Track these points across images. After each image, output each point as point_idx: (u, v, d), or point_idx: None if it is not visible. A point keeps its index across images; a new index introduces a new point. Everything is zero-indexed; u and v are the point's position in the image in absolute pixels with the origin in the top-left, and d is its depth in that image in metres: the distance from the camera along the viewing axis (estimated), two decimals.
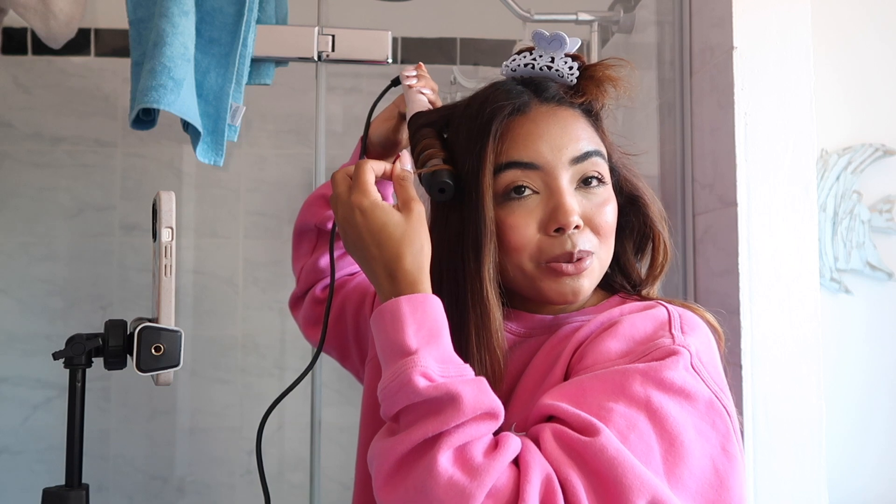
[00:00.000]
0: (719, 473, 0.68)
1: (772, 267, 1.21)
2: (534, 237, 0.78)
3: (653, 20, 1.49)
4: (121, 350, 0.75)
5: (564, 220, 0.76)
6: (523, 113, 0.80)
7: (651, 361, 0.70)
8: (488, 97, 0.81)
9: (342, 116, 1.79)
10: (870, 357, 1.37)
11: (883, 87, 1.39)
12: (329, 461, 1.37)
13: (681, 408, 0.68)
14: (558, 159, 0.78)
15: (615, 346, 0.73)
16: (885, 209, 1.39)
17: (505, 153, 0.78)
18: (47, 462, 1.67)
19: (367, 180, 0.76)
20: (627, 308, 0.80)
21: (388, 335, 0.69)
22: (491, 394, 0.66)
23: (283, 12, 1.31)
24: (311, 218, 1.12)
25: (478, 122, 0.80)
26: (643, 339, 0.73)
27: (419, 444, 0.64)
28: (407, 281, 0.72)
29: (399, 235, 0.73)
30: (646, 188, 0.87)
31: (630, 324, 0.75)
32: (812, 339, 1.21)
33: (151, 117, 1.16)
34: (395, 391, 0.66)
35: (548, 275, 0.78)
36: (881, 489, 1.36)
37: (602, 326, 0.77)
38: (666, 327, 0.74)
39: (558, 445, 0.65)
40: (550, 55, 0.84)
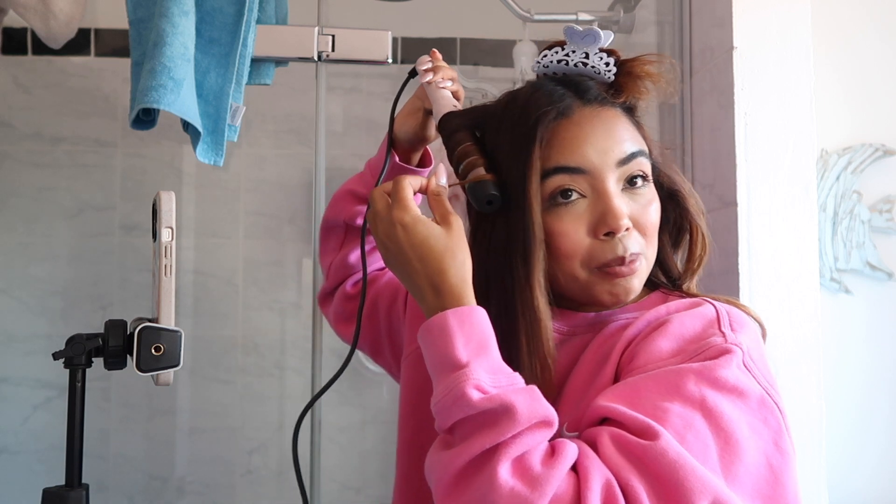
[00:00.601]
0: (773, 469, 0.68)
1: (772, 267, 1.21)
2: (584, 242, 0.77)
3: (653, 20, 1.49)
4: (121, 350, 0.75)
5: (615, 223, 0.76)
6: (567, 116, 0.79)
7: (704, 360, 0.70)
8: (529, 100, 0.80)
9: (342, 116, 1.79)
10: (870, 357, 1.37)
11: (883, 87, 1.39)
12: (329, 461, 1.37)
13: (734, 406, 0.68)
14: (605, 162, 0.77)
15: (666, 346, 0.73)
16: (885, 209, 1.39)
17: (551, 158, 0.77)
18: (47, 462, 1.67)
19: (406, 196, 0.76)
20: (673, 305, 0.79)
21: (438, 349, 0.70)
22: (544, 401, 0.67)
23: (283, 12, 1.31)
24: (339, 214, 1.11)
25: (521, 128, 0.78)
26: (694, 338, 0.73)
27: (477, 456, 0.64)
28: (452, 294, 0.72)
29: (441, 249, 0.73)
30: (684, 181, 0.87)
31: (679, 322, 0.75)
32: (812, 339, 1.21)
33: (151, 117, 1.16)
34: (450, 405, 0.66)
35: (601, 278, 0.78)
36: (881, 489, 1.36)
37: (650, 325, 0.76)
38: (715, 325, 0.75)
39: (617, 450, 0.64)
40: (584, 51, 0.82)
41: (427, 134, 1.02)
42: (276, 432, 1.74)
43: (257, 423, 1.74)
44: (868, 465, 1.35)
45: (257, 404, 1.75)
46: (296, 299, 1.76)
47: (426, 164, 1.07)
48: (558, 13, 1.53)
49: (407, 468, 0.97)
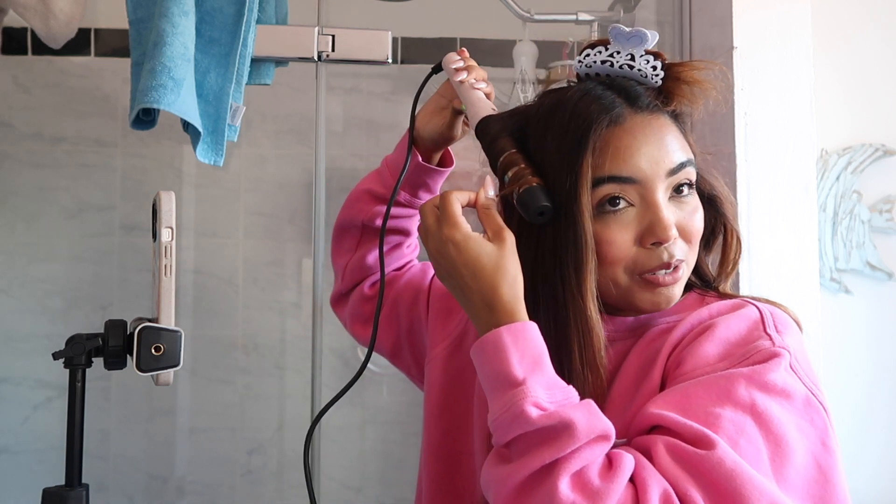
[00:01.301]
0: (822, 468, 0.69)
1: (772, 267, 1.21)
2: (630, 251, 0.77)
3: (653, 20, 1.49)
4: (121, 350, 0.75)
5: (664, 234, 0.76)
6: (619, 124, 0.77)
7: (753, 364, 0.71)
8: (578, 105, 0.78)
9: (342, 116, 1.79)
10: (870, 357, 1.37)
11: (883, 87, 1.39)
12: (329, 461, 1.37)
13: (783, 408, 0.69)
14: (656, 172, 0.77)
15: (713, 350, 0.74)
16: (885, 209, 1.39)
17: (602, 167, 0.76)
18: (47, 462, 1.67)
19: (455, 212, 0.77)
20: (715, 308, 0.79)
21: (493, 366, 0.70)
22: (602, 416, 0.67)
23: (283, 12, 1.31)
24: (357, 214, 1.09)
25: (572, 135, 0.77)
26: (741, 342, 0.74)
27: (537, 471, 0.65)
28: (505, 311, 0.73)
29: (493, 267, 0.74)
30: (722, 186, 0.86)
31: (725, 326, 0.75)
32: (812, 340, 1.21)
33: (151, 117, 1.16)
34: (509, 422, 0.67)
35: (643, 286, 0.78)
36: (881, 489, 1.36)
37: (695, 329, 0.77)
38: (760, 327, 0.75)
39: (673, 460, 0.65)
40: (629, 52, 0.80)
41: (453, 133, 1.01)
42: (276, 432, 1.74)
43: (257, 423, 1.74)
44: (868, 465, 1.35)
45: (257, 404, 1.74)
46: (296, 299, 1.76)
47: (447, 165, 1.06)
48: (558, 13, 1.52)
49: (436, 472, 0.96)
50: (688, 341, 0.76)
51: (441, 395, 0.96)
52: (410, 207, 1.05)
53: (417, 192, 1.04)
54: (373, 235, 1.09)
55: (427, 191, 1.05)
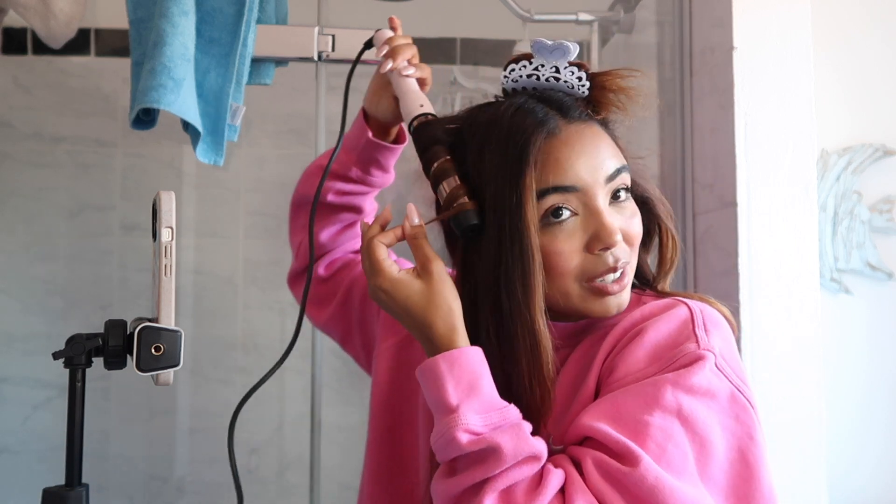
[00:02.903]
0: (748, 462, 0.73)
1: (772, 267, 1.21)
2: (577, 259, 0.78)
3: (653, 20, 1.49)
4: (121, 350, 0.75)
5: (610, 239, 0.77)
6: (555, 136, 0.78)
7: (680, 368, 0.74)
8: (513, 121, 0.79)
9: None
10: (870, 357, 1.37)
11: (883, 87, 1.39)
12: (329, 461, 1.37)
13: (707, 408, 0.72)
14: (595, 179, 0.78)
15: (643, 355, 0.76)
16: (885, 209, 1.39)
17: (543, 179, 0.77)
18: (47, 462, 1.67)
19: (378, 259, 0.79)
20: (648, 309, 0.80)
21: (431, 393, 0.74)
22: (530, 439, 0.70)
23: (283, 12, 1.31)
24: (309, 190, 1.08)
25: (511, 151, 0.77)
26: (669, 345, 0.76)
27: (468, 488, 0.70)
28: (442, 343, 0.76)
29: (424, 305, 0.77)
30: (653, 188, 0.88)
31: (654, 329, 0.77)
32: (812, 339, 1.21)
33: (151, 117, 1.16)
34: (444, 446, 0.71)
35: (593, 294, 0.79)
36: (881, 489, 1.36)
37: (628, 334, 0.78)
38: (689, 327, 0.77)
39: (601, 476, 0.69)
40: (553, 64, 0.82)
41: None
42: (276, 432, 1.74)
43: (257, 423, 1.74)
44: (868, 465, 1.35)
45: (257, 404, 1.73)
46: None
47: (401, 141, 1.05)
48: (558, 13, 1.53)
49: (377, 468, 0.99)
50: (620, 347, 0.78)
51: (387, 392, 0.98)
52: (363, 184, 1.05)
53: (369, 169, 1.04)
54: (327, 212, 1.08)
55: (379, 168, 1.05)
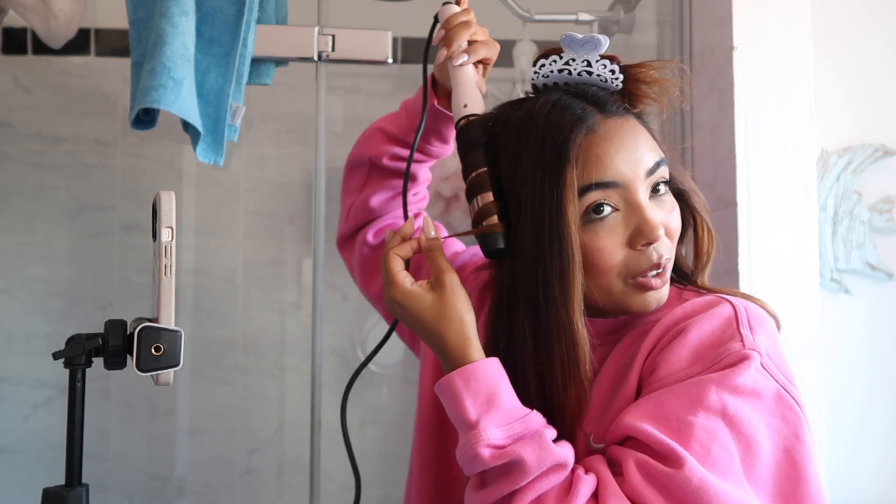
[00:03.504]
0: (795, 463, 0.72)
1: (772, 267, 1.21)
2: (620, 255, 0.77)
3: (653, 20, 1.49)
4: (121, 350, 0.75)
5: (653, 234, 0.76)
6: (594, 132, 0.77)
7: (724, 368, 0.73)
8: (550, 118, 0.77)
9: (342, 116, 1.79)
10: (870, 357, 1.37)
11: (883, 87, 1.39)
12: (329, 461, 1.37)
13: (753, 408, 0.71)
14: (636, 174, 0.77)
15: (686, 354, 0.75)
16: (885, 209, 1.39)
17: (583, 176, 0.76)
18: (47, 462, 1.67)
19: (393, 271, 0.80)
20: (690, 306, 0.80)
21: (451, 410, 0.74)
22: (553, 448, 0.71)
23: (283, 12, 1.31)
24: (365, 151, 1.07)
25: (549, 149, 0.76)
26: (713, 344, 0.75)
27: (497, 501, 0.71)
28: (455, 356, 0.76)
29: (436, 317, 0.77)
30: (688, 179, 0.87)
31: (698, 328, 0.76)
32: (812, 339, 1.21)
33: (151, 117, 1.16)
34: (469, 462, 0.72)
35: (635, 290, 0.78)
36: (881, 489, 1.36)
37: (670, 332, 0.77)
38: (734, 326, 0.76)
39: (643, 477, 0.69)
40: (585, 58, 0.80)
41: None
42: (276, 432, 1.74)
43: (257, 423, 1.74)
44: (868, 465, 1.35)
45: (257, 404, 1.74)
46: (296, 299, 1.76)
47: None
48: (558, 13, 1.52)
49: (425, 448, 0.97)
50: (662, 346, 0.77)
51: (432, 409, 0.96)
52: (420, 152, 1.03)
53: (429, 138, 1.02)
54: (379, 175, 1.07)
55: (439, 137, 1.02)
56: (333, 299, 1.74)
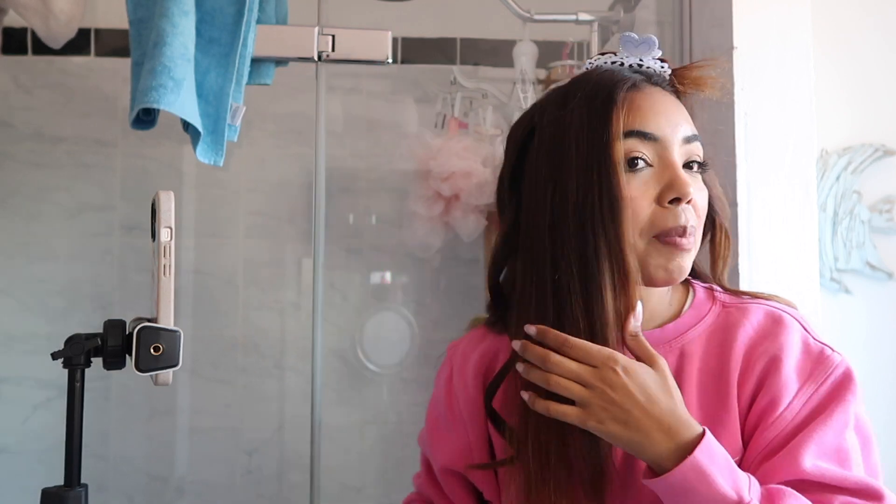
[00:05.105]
0: (869, 439, 0.82)
1: (772, 267, 1.21)
2: (648, 210, 0.79)
3: (653, 20, 1.49)
4: (120, 350, 0.75)
5: (682, 190, 0.78)
6: (639, 89, 0.81)
7: (836, 381, 0.79)
8: (601, 76, 0.82)
9: (342, 116, 1.79)
10: (870, 357, 1.37)
11: (883, 87, 1.39)
12: (329, 461, 1.37)
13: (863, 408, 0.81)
14: (674, 134, 0.80)
15: (792, 382, 0.79)
16: (885, 209, 1.39)
17: (627, 122, 0.79)
18: (47, 462, 1.67)
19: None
20: (752, 325, 0.82)
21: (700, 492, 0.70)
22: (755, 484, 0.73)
23: (283, 12, 1.31)
24: None
25: (599, 96, 0.79)
26: (810, 360, 0.80)
27: None
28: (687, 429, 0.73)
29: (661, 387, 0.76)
30: (717, 186, 0.88)
31: (785, 352, 0.79)
32: None
33: (151, 117, 1.16)
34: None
35: (657, 250, 0.79)
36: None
37: (751, 357, 0.80)
38: (808, 337, 0.81)
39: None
40: (639, 57, 0.85)
41: None
42: (276, 432, 1.74)
43: (257, 423, 1.74)
44: None
45: (257, 404, 1.74)
46: (296, 299, 1.76)
47: None
48: (558, 13, 1.52)
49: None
50: (756, 379, 0.79)
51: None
52: None
53: None
54: None
55: None
56: (333, 299, 1.74)
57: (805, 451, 0.74)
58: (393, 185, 1.74)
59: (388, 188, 1.76)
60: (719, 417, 0.79)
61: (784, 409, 0.77)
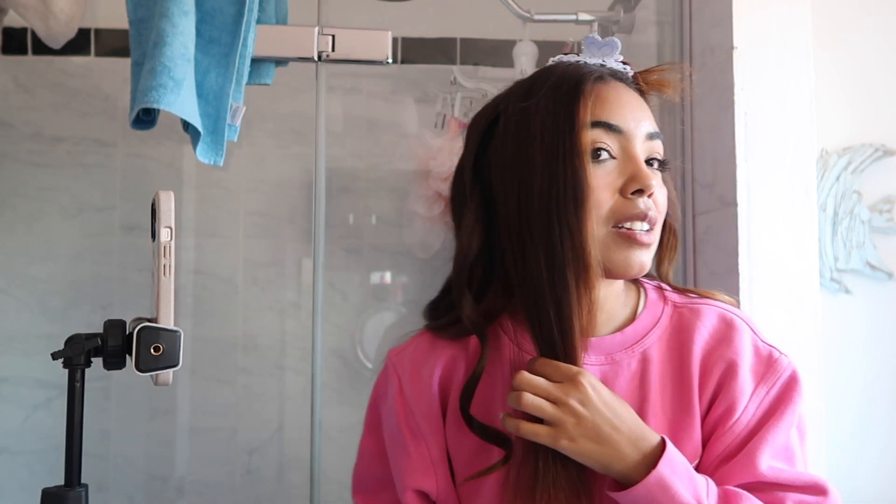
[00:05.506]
0: (802, 432, 0.84)
1: (772, 267, 1.21)
2: (611, 199, 0.79)
3: (653, 20, 1.49)
4: (120, 350, 0.75)
5: (645, 182, 0.79)
6: (605, 82, 0.82)
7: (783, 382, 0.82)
8: (567, 70, 0.83)
9: (342, 116, 1.79)
10: (870, 357, 1.37)
11: (883, 87, 1.39)
12: (329, 461, 1.37)
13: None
14: (638, 129, 0.81)
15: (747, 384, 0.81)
16: (885, 209, 1.39)
17: (593, 113, 0.79)
18: (47, 462, 1.67)
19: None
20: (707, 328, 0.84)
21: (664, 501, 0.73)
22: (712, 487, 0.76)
23: (283, 12, 1.31)
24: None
25: (565, 85, 0.81)
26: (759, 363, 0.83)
27: None
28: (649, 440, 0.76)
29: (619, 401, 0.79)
30: (671, 189, 0.88)
31: (740, 356, 0.82)
32: (812, 339, 1.21)
33: (151, 117, 1.16)
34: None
35: (618, 242, 0.80)
36: (881, 489, 1.36)
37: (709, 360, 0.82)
38: (756, 339, 0.84)
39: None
40: (601, 59, 0.86)
41: None
42: (276, 432, 1.74)
43: (257, 423, 1.74)
44: (868, 465, 1.35)
45: (257, 404, 1.74)
46: (296, 299, 1.76)
47: None
48: (558, 13, 1.52)
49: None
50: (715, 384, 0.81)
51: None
52: None
53: None
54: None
55: None
56: (333, 299, 1.74)
57: (760, 454, 0.77)
58: (393, 185, 1.74)
59: (388, 188, 1.76)
60: (683, 422, 0.81)
61: (741, 414, 0.80)
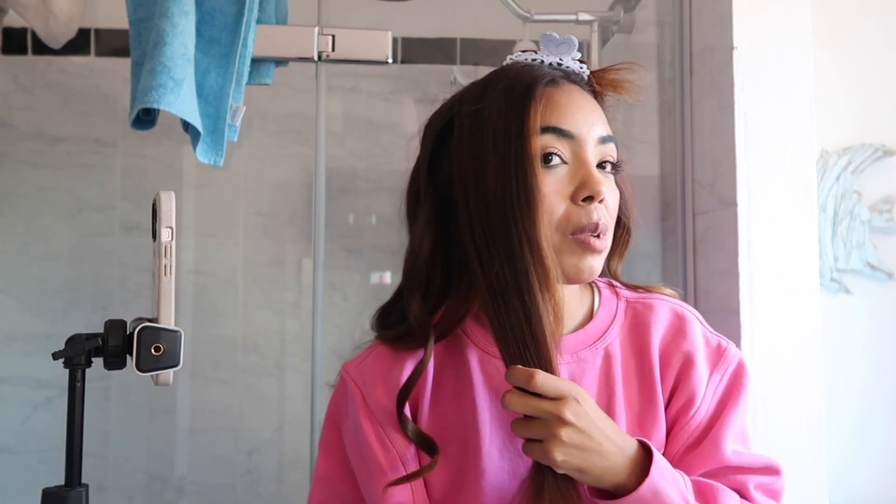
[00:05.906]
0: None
1: (772, 267, 1.21)
2: (562, 206, 0.79)
3: (653, 20, 1.49)
4: (120, 350, 0.75)
5: (595, 188, 0.78)
6: (558, 85, 0.82)
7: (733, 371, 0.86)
8: (520, 71, 0.82)
9: (342, 116, 1.79)
10: (870, 357, 1.37)
11: (883, 87, 1.39)
12: None
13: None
14: (589, 133, 0.81)
15: (702, 374, 0.85)
16: (885, 209, 1.39)
17: (544, 117, 0.79)
18: (47, 462, 1.67)
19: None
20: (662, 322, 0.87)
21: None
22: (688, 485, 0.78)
23: (283, 12, 1.31)
24: None
25: (517, 89, 0.80)
26: (711, 354, 0.86)
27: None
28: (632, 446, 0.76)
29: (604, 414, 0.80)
30: (628, 188, 0.89)
31: (695, 349, 0.85)
32: (812, 339, 1.21)
33: (151, 117, 1.16)
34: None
35: (570, 248, 0.80)
36: (881, 489, 1.36)
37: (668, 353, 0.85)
38: (705, 331, 0.88)
39: (766, 494, 0.82)
40: (558, 57, 0.85)
41: None
42: (276, 432, 1.74)
43: (257, 423, 1.74)
44: (868, 465, 1.35)
45: (257, 404, 1.74)
46: (296, 299, 1.76)
47: None
48: (558, 13, 1.53)
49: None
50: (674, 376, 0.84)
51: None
52: None
53: None
54: None
55: None
56: (333, 299, 1.74)
57: (724, 440, 0.81)
58: (393, 185, 1.74)
59: (388, 188, 1.76)
60: (649, 414, 0.83)
61: (700, 403, 0.83)
